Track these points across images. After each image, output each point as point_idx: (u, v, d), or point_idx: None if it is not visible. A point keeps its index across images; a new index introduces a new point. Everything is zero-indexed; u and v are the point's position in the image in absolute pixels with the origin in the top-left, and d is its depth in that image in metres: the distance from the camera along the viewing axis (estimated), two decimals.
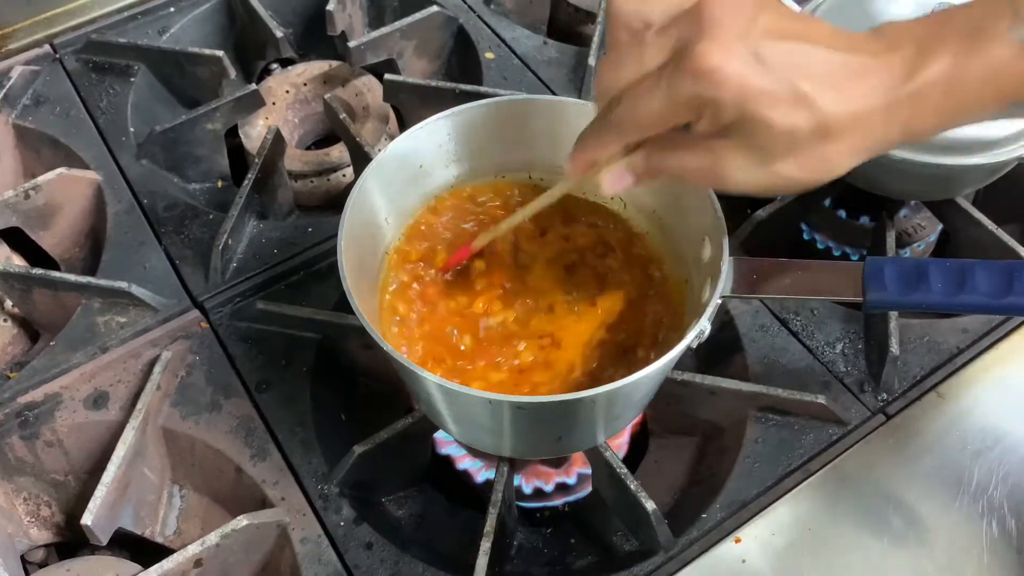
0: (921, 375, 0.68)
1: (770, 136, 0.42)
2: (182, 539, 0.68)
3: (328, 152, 0.87)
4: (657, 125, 0.45)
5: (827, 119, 0.42)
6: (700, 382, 0.66)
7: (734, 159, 0.44)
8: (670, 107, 0.43)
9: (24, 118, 0.85)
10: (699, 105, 0.42)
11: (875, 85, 0.43)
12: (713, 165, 0.45)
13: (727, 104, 0.42)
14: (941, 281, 0.53)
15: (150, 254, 0.75)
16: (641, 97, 0.44)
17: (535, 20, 1.02)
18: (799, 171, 0.44)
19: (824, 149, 0.43)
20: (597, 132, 0.48)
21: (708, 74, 0.41)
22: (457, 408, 0.57)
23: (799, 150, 0.43)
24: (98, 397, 0.68)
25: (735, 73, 0.41)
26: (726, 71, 0.41)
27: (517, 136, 0.64)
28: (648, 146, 0.48)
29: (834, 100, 0.42)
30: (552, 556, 0.67)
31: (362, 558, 0.61)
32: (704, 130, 0.44)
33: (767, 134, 0.42)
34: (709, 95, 0.42)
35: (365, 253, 0.60)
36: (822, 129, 0.42)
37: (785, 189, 0.46)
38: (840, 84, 0.42)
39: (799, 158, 0.43)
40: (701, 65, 0.41)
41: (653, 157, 0.48)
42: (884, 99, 0.43)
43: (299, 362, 0.70)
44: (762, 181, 0.45)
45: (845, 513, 0.62)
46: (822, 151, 0.43)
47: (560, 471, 0.70)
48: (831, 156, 0.44)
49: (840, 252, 0.82)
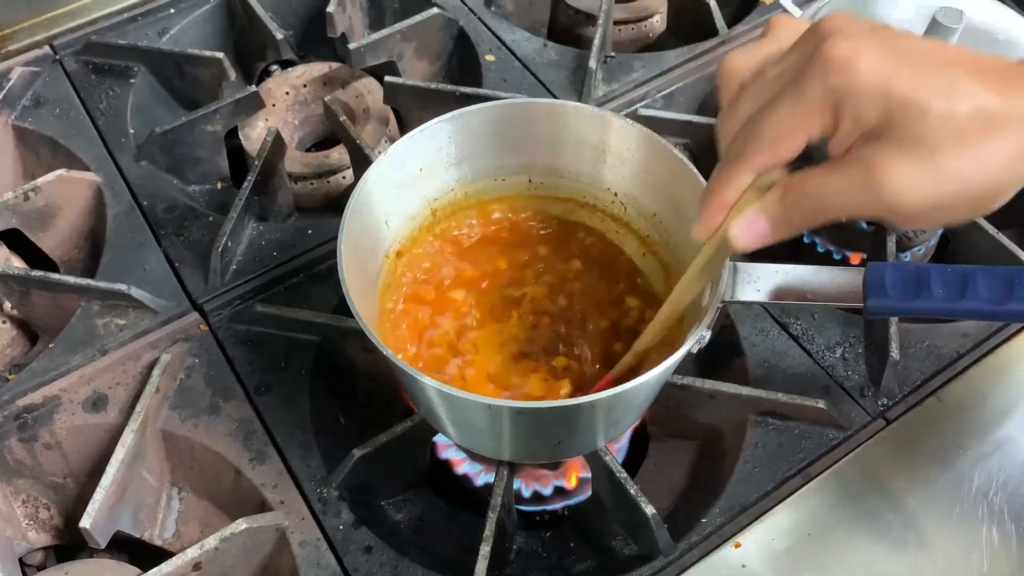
0: (921, 380, 0.68)
1: (927, 121, 0.36)
2: (181, 542, 0.68)
3: (328, 154, 0.87)
4: (790, 136, 0.39)
5: (989, 106, 0.36)
6: (700, 386, 0.66)
7: (891, 162, 0.37)
8: (801, 110, 0.38)
9: (24, 119, 0.85)
10: (835, 102, 0.37)
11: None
12: (867, 176, 0.38)
13: (867, 93, 0.37)
14: (942, 287, 0.53)
15: (150, 256, 0.75)
16: (766, 111, 0.39)
17: (535, 22, 1.02)
18: (968, 170, 0.37)
19: (994, 145, 0.37)
20: (720, 172, 0.42)
21: (840, 63, 0.36)
22: (456, 412, 0.57)
23: (964, 142, 0.37)
24: (97, 399, 0.67)
25: (872, 59, 0.36)
26: (861, 58, 0.36)
27: (517, 139, 0.64)
28: (782, 182, 0.41)
29: (993, 89, 0.37)
30: (551, 560, 0.67)
31: (361, 562, 0.61)
32: (845, 140, 0.38)
33: (924, 120, 0.36)
34: (845, 86, 0.37)
35: (365, 256, 0.60)
36: (984, 117, 0.36)
37: (958, 200, 0.38)
38: (995, 79, 0.37)
39: (967, 151, 0.37)
40: (831, 56, 0.37)
41: (791, 190, 0.40)
42: None
43: (298, 365, 0.70)
44: (928, 184, 0.37)
45: (845, 518, 0.62)
46: (992, 146, 0.37)
47: (559, 475, 0.69)
48: (1004, 155, 0.37)
49: (840, 256, 0.82)
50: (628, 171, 0.63)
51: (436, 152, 0.63)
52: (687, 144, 0.83)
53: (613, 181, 0.65)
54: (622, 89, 0.87)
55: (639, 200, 0.64)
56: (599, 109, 0.63)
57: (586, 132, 0.63)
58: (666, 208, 0.63)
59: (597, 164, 0.64)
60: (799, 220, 0.41)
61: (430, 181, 0.64)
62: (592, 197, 0.66)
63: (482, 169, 0.66)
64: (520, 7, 1.02)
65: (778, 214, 0.41)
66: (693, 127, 0.83)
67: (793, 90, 0.38)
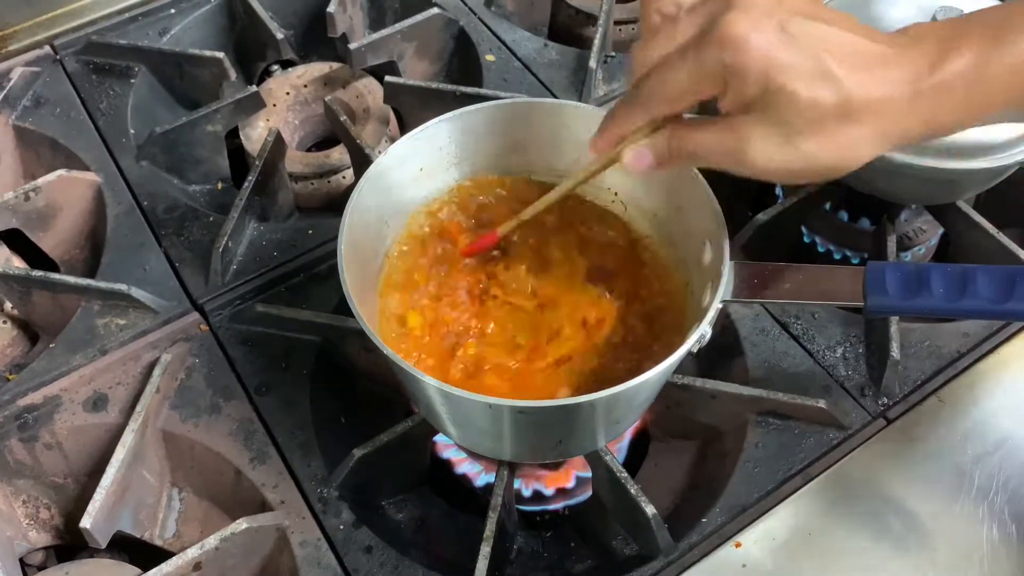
0: (922, 379, 0.68)
1: (793, 109, 0.42)
2: (181, 542, 0.68)
3: (328, 154, 0.87)
4: (683, 96, 0.45)
5: (851, 97, 0.42)
6: (701, 386, 0.66)
7: (757, 136, 0.44)
8: (696, 76, 0.43)
9: (24, 119, 0.85)
10: (724, 74, 0.42)
11: (899, 74, 0.43)
12: (736, 143, 0.44)
13: (752, 73, 0.42)
14: (942, 286, 0.53)
15: (150, 256, 0.75)
16: (669, 68, 0.44)
17: (536, 22, 1.02)
18: (822, 150, 0.43)
19: (847, 131, 0.43)
20: (625, 106, 0.48)
21: (734, 42, 0.41)
22: (457, 412, 0.57)
23: (822, 128, 0.43)
24: (97, 399, 0.67)
25: (761, 42, 0.41)
26: (752, 40, 0.41)
27: (517, 139, 0.64)
28: (671, 127, 0.47)
29: (859, 81, 0.42)
30: (552, 560, 0.67)
31: (361, 562, 0.61)
32: (728, 105, 0.44)
33: (790, 107, 0.42)
34: (734, 63, 0.42)
35: (365, 256, 0.60)
36: (845, 107, 0.42)
37: (805, 172, 0.45)
38: (865, 67, 0.42)
39: (822, 136, 0.43)
40: (728, 33, 0.42)
41: (675, 136, 0.47)
42: (908, 88, 0.43)
43: (299, 365, 0.70)
44: (785, 159, 0.44)
45: (846, 517, 0.62)
46: (845, 132, 0.43)
47: (560, 475, 0.69)
48: (854, 139, 0.43)
49: (841, 255, 0.82)
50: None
51: (436, 152, 0.63)
52: None
53: (613, 180, 0.65)
54: (622, 88, 0.87)
55: (638, 199, 0.64)
56: (599, 109, 0.63)
57: (586, 132, 0.61)
58: (666, 208, 0.63)
59: None
60: (680, 161, 0.48)
61: (430, 181, 0.64)
62: (592, 196, 0.66)
63: (482, 169, 0.66)
64: (520, 7, 1.02)
65: (663, 153, 0.48)
66: None
67: (694, 58, 0.43)
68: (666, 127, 0.48)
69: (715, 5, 0.43)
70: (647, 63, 0.46)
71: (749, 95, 0.43)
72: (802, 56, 0.41)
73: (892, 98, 0.43)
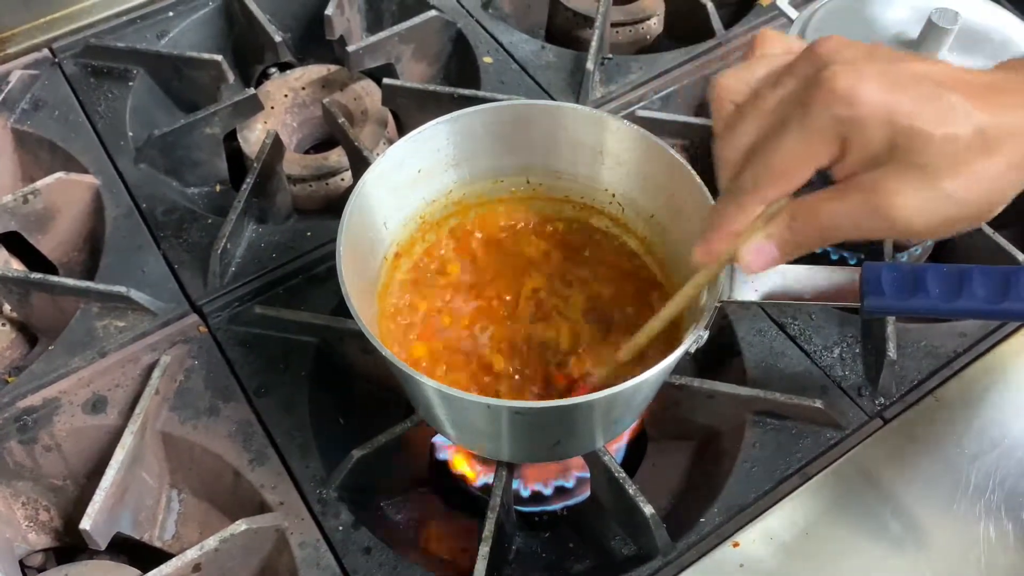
0: (918, 379, 0.69)
1: (930, 149, 0.39)
2: (180, 543, 0.68)
3: (327, 156, 0.88)
4: (799, 168, 0.40)
5: (985, 126, 0.39)
6: (698, 386, 0.66)
7: (897, 187, 0.39)
8: (809, 141, 0.39)
9: (23, 122, 0.85)
10: (842, 132, 0.39)
11: (1019, 98, 0.40)
12: (873, 202, 0.40)
13: (873, 123, 0.38)
14: (938, 286, 0.53)
15: (148, 258, 0.75)
16: (775, 144, 0.40)
17: (533, 25, 1.03)
18: (969, 189, 0.40)
19: (990, 163, 0.39)
20: (731, 200, 0.43)
21: (845, 95, 0.38)
22: (455, 413, 0.57)
23: (964, 164, 0.39)
24: (96, 401, 0.68)
25: (875, 89, 0.38)
26: (863, 89, 0.38)
27: (516, 141, 0.64)
28: (789, 208, 0.42)
29: (986, 109, 0.39)
30: (550, 560, 0.67)
31: (360, 562, 0.61)
32: (851, 167, 0.40)
33: (927, 148, 0.38)
34: (851, 116, 0.38)
35: (364, 257, 0.60)
36: (982, 137, 0.39)
37: (957, 217, 0.41)
38: (987, 97, 0.40)
39: (967, 173, 0.39)
40: (834, 87, 0.38)
41: (799, 216, 0.42)
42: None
43: (297, 366, 0.70)
44: (931, 207, 0.40)
45: (843, 517, 0.62)
46: (988, 164, 0.39)
47: (558, 475, 0.70)
48: (998, 171, 0.40)
49: (837, 256, 0.82)
50: (625, 172, 0.63)
51: (435, 153, 0.64)
52: (684, 145, 0.84)
53: (611, 182, 0.65)
54: (620, 91, 0.87)
55: (637, 201, 0.65)
56: (597, 111, 0.63)
57: (584, 133, 0.63)
58: (663, 208, 0.63)
59: (595, 165, 0.64)
60: (808, 244, 0.43)
61: (429, 182, 0.65)
62: (590, 198, 0.66)
63: (480, 170, 0.66)
64: (518, 9, 1.03)
65: (787, 240, 0.42)
66: (690, 128, 0.83)
67: (800, 121, 0.39)
68: (781, 214, 0.43)
69: (805, 67, 0.40)
70: (740, 150, 0.42)
71: (875, 147, 0.39)
72: (921, 94, 0.38)
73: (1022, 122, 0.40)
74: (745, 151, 0.42)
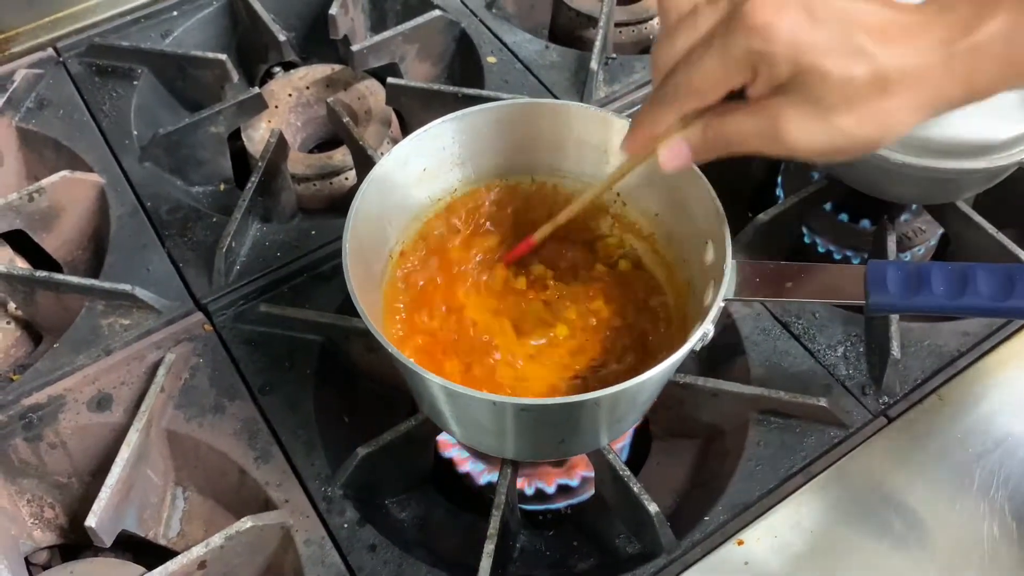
0: (922, 378, 0.69)
1: (827, 87, 0.42)
2: (185, 541, 0.68)
3: (331, 155, 0.88)
4: (714, 88, 0.45)
5: (884, 70, 0.42)
6: (702, 385, 0.66)
7: (792, 116, 0.43)
8: (725, 66, 0.43)
9: (27, 121, 0.85)
10: (753, 62, 0.43)
11: (932, 40, 0.42)
12: (772, 125, 0.44)
13: (781, 57, 0.42)
14: (943, 284, 0.53)
15: (153, 257, 0.76)
16: (696, 61, 0.44)
17: (537, 24, 1.03)
18: (859, 126, 0.43)
19: (883, 103, 0.43)
20: (654, 105, 0.48)
21: (760, 29, 0.42)
22: (460, 410, 0.57)
23: (858, 103, 0.43)
24: (102, 399, 0.68)
25: (787, 26, 0.41)
26: (778, 25, 0.41)
27: (520, 139, 0.65)
28: (705, 116, 0.47)
29: (891, 52, 0.42)
30: (555, 559, 0.67)
31: (365, 560, 0.61)
32: (760, 90, 0.44)
33: (823, 85, 0.42)
34: (762, 49, 0.42)
35: (369, 256, 0.61)
36: (880, 80, 0.42)
37: (846, 148, 0.44)
38: (896, 37, 0.42)
39: (858, 112, 0.43)
40: (753, 21, 0.42)
41: (711, 125, 0.47)
42: (942, 53, 0.42)
43: (302, 364, 0.70)
44: (822, 137, 0.44)
45: (847, 515, 0.62)
46: (881, 105, 0.43)
47: (563, 473, 0.70)
48: (891, 111, 0.43)
49: (841, 256, 0.82)
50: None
51: (440, 152, 0.64)
52: None
53: None
54: (623, 90, 0.87)
55: (641, 199, 0.65)
56: (601, 110, 0.63)
57: (588, 132, 0.63)
58: (667, 207, 0.63)
59: (599, 164, 0.64)
60: (717, 150, 0.48)
61: (434, 181, 0.65)
62: None
63: (485, 169, 0.66)
64: (521, 9, 1.03)
65: (699, 144, 0.48)
66: None
67: (719, 47, 0.43)
68: (697, 120, 0.47)
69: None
70: (670, 59, 0.46)
71: (780, 77, 0.43)
72: (830, 34, 0.41)
73: (927, 65, 0.42)
74: (674, 62, 0.46)
